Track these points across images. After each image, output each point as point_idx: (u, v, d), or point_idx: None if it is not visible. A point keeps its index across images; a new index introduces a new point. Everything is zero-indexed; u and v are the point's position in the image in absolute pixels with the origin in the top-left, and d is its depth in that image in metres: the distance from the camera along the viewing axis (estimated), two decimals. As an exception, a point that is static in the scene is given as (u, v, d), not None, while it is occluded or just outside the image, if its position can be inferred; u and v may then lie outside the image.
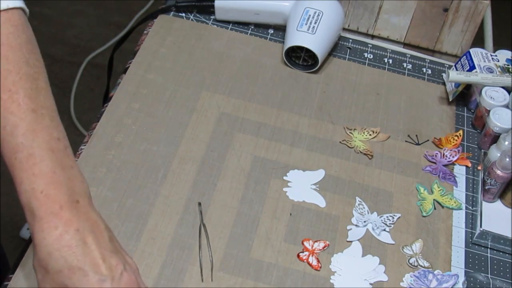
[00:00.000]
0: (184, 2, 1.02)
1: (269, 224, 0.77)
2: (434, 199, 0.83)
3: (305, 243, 0.76)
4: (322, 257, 0.75)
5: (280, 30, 1.04)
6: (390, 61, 1.02)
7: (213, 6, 1.01)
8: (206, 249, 0.74)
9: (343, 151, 0.87)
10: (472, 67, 0.93)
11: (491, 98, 0.89)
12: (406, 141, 0.90)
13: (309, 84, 0.96)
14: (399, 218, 0.80)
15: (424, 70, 1.02)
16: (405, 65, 1.02)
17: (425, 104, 0.96)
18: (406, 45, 1.06)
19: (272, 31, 1.03)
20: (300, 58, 0.97)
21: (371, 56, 1.02)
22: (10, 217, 1.66)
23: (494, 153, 0.84)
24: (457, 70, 0.95)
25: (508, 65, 0.94)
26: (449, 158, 0.88)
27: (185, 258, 0.73)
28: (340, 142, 0.88)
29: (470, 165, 0.88)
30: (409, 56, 1.04)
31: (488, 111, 0.89)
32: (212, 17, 1.03)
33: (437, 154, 0.88)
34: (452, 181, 0.86)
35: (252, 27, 1.03)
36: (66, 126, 0.68)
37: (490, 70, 0.92)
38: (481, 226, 0.79)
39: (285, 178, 0.83)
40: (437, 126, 0.93)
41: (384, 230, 0.79)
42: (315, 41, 0.94)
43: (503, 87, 0.91)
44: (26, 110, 0.55)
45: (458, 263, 0.77)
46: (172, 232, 0.75)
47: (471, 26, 1.00)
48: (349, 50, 1.03)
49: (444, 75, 1.01)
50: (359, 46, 1.04)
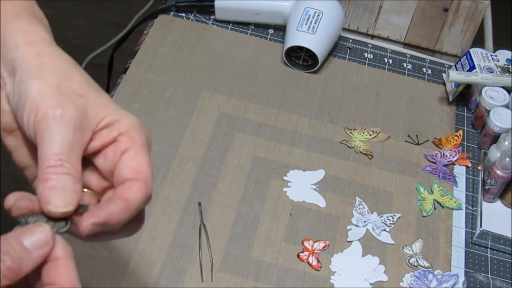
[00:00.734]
0: (184, 2, 1.02)
1: (269, 224, 0.77)
2: (434, 199, 0.83)
3: (305, 243, 0.76)
4: (322, 257, 0.75)
5: (280, 30, 1.04)
6: (390, 61, 1.02)
7: (213, 6, 1.01)
8: (206, 249, 0.74)
9: (343, 151, 0.87)
10: (472, 67, 0.93)
11: (491, 98, 0.89)
12: (406, 141, 0.90)
13: (309, 84, 0.96)
14: (399, 218, 0.80)
15: (424, 70, 1.02)
16: (405, 65, 1.02)
17: (425, 104, 0.96)
18: (406, 45, 1.06)
19: (272, 31, 1.03)
20: (300, 58, 0.97)
21: (371, 56, 1.02)
22: (10, 216, 1.66)
23: (494, 153, 0.84)
24: (457, 70, 0.95)
25: (508, 65, 0.94)
26: (449, 158, 0.88)
27: (185, 258, 0.73)
28: (340, 142, 0.88)
29: (470, 165, 0.88)
30: (409, 56, 1.04)
31: (488, 111, 0.89)
32: (212, 17, 1.03)
33: (437, 154, 0.88)
34: (452, 181, 0.86)
35: (252, 27, 1.03)
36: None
37: (490, 70, 0.92)
38: (481, 226, 0.79)
39: (285, 178, 0.83)
40: (437, 126, 0.93)
41: (384, 230, 0.79)
42: (315, 41, 0.94)
43: (503, 87, 0.91)
44: None
45: (458, 263, 0.77)
46: (172, 232, 0.75)
47: (471, 26, 1.00)
48: (349, 50, 1.03)
49: (444, 75, 1.01)
50: (359, 46, 1.04)
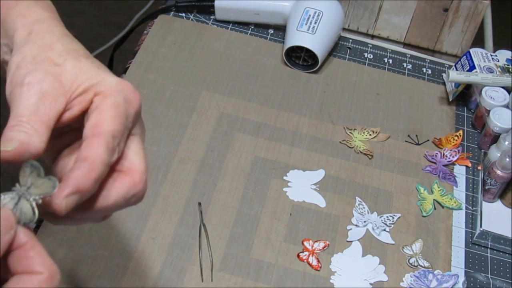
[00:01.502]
0: (184, 2, 1.02)
1: (269, 224, 0.77)
2: (434, 199, 0.83)
3: (305, 243, 0.76)
4: (322, 257, 0.75)
5: (280, 30, 1.04)
6: (390, 61, 1.02)
7: (213, 6, 1.01)
8: (206, 249, 0.74)
9: (343, 151, 0.87)
10: (472, 67, 0.93)
11: (491, 98, 0.89)
12: (406, 141, 0.90)
13: (309, 84, 0.96)
14: (399, 218, 0.80)
15: (424, 70, 1.02)
16: (405, 65, 1.02)
17: (425, 104, 0.96)
18: (406, 45, 1.06)
19: (272, 31, 1.03)
20: (300, 58, 0.97)
21: (371, 56, 1.02)
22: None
23: (494, 153, 0.84)
24: (457, 70, 0.95)
25: (508, 65, 0.94)
26: (449, 158, 0.88)
27: (185, 258, 0.73)
28: (340, 142, 0.88)
29: (470, 165, 0.88)
30: (409, 56, 1.04)
31: (488, 111, 0.89)
32: (212, 17, 1.03)
33: (437, 154, 0.88)
34: (452, 181, 0.86)
35: (252, 27, 1.03)
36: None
37: (490, 70, 0.92)
38: (481, 226, 0.79)
39: (285, 178, 0.83)
40: (437, 126, 0.93)
41: (384, 230, 0.79)
42: (315, 41, 0.94)
43: (503, 87, 0.91)
44: None
45: (458, 263, 0.77)
46: (172, 232, 0.75)
47: (471, 26, 1.00)
48: (349, 50, 1.03)
49: (444, 75, 1.01)
50: (359, 46, 1.04)
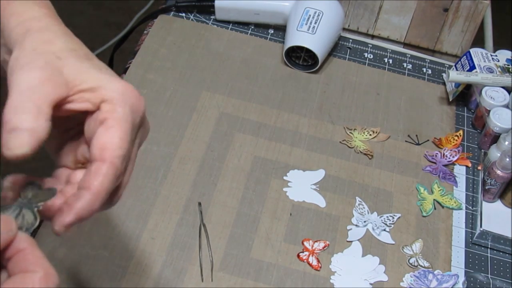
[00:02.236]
0: (184, 2, 1.02)
1: (269, 224, 0.77)
2: (434, 199, 0.83)
3: (305, 243, 0.76)
4: (322, 257, 0.75)
5: (280, 30, 1.04)
6: (390, 61, 1.02)
7: (213, 6, 1.01)
8: (206, 249, 0.74)
9: (343, 151, 0.87)
10: (472, 67, 0.93)
11: (491, 98, 0.89)
12: (406, 141, 0.90)
13: (309, 84, 0.96)
14: (399, 218, 0.80)
15: (424, 70, 1.02)
16: (405, 65, 1.02)
17: (425, 104, 0.96)
18: (406, 45, 1.06)
19: (272, 31, 1.03)
20: (300, 58, 0.97)
21: (371, 56, 1.02)
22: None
23: (494, 153, 0.84)
24: (457, 70, 0.95)
25: (508, 65, 0.94)
26: (449, 158, 0.88)
27: (185, 258, 0.73)
28: (340, 142, 0.88)
29: (470, 165, 0.88)
30: (409, 56, 1.04)
31: (488, 111, 0.89)
32: (212, 17, 1.03)
33: (437, 154, 0.88)
34: (452, 181, 0.86)
35: (252, 27, 1.03)
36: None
37: (490, 70, 0.92)
38: (481, 226, 0.79)
39: (285, 178, 0.83)
40: (437, 126, 0.93)
41: (384, 230, 0.79)
42: (315, 41, 0.94)
43: (503, 87, 0.91)
44: None
45: (458, 263, 0.77)
46: (172, 232, 0.75)
47: (471, 26, 1.00)
48: (349, 50, 1.03)
49: (444, 75, 1.01)
50: (359, 46, 1.04)
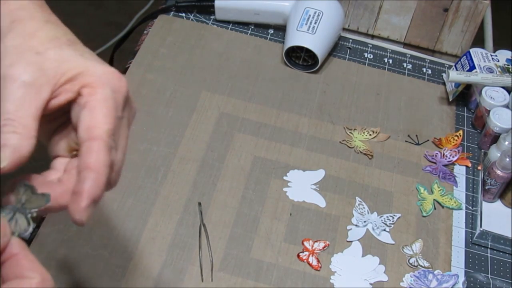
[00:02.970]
0: (184, 2, 1.02)
1: (269, 224, 0.77)
2: (434, 199, 0.83)
3: (305, 243, 0.76)
4: (322, 257, 0.75)
5: (280, 30, 1.04)
6: (390, 61, 1.02)
7: (213, 6, 1.01)
8: (206, 249, 0.74)
9: (343, 151, 0.87)
10: (472, 67, 0.93)
11: (491, 98, 0.89)
12: (406, 141, 0.90)
13: (309, 84, 0.96)
14: (399, 218, 0.80)
15: (424, 70, 1.02)
16: (405, 65, 1.02)
17: (425, 104, 0.96)
18: (406, 45, 1.06)
19: (272, 31, 1.03)
20: (300, 58, 0.97)
21: (371, 56, 1.02)
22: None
23: (494, 153, 0.84)
24: (457, 70, 0.95)
25: (508, 65, 0.94)
26: (449, 158, 0.88)
27: (185, 258, 0.73)
28: (340, 142, 0.88)
29: (470, 165, 0.88)
30: (409, 56, 1.04)
31: (488, 111, 0.89)
32: (212, 17, 1.03)
33: (437, 154, 0.88)
34: (452, 181, 0.86)
35: (252, 27, 1.03)
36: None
37: (490, 70, 0.92)
38: (481, 226, 0.79)
39: (285, 178, 0.83)
40: (437, 126, 0.93)
41: (384, 230, 0.79)
42: (315, 41, 0.94)
43: (503, 87, 0.91)
44: None
45: (458, 263, 0.77)
46: (172, 232, 0.75)
47: (471, 26, 1.00)
48: (349, 50, 1.03)
49: (444, 75, 1.01)
50: (359, 46, 1.04)
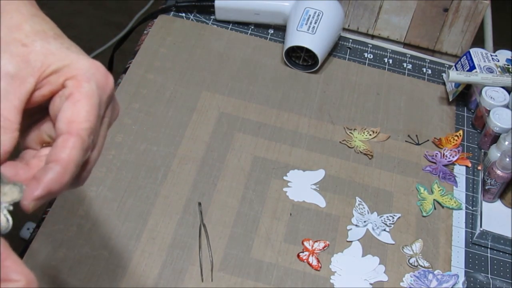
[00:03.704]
0: (184, 2, 1.02)
1: (269, 224, 0.77)
2: (434, 199, 0.83)
3: (305, 243, 0.76)
4: (322, 257, 0.75)
5: (280, 30, 1.04)
6: (390, 61, 1.02)
7: (213, 6, 1.01)
8: (206, 249, 0.74)
9: (343, 151, 0.87)
10: (472, 67, 0.93)
11: (491, 98, 0.89)
12: (406, 141, 0.90)
13: (309, 84, 0.96)
14: (399, 218, 0.80)
15: (424, 70, 1.02)
16: (405, 65, 1.02)
17: (425, 104, 0.96)
18: (406, 45, 1.06)
19: (272, 31, 1.03)
20: (300, 58, 0.97)
21: (371, 56, 1.02)
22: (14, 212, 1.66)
23: (494, 153, 0.84)
24: (457, 70, 0.95)
25: (508, 65, 0.94)
26: (449, 158, 0.88)
27: (185, 258, 0.73)
28: (340, 142, 0.88)
29: (470, 165, 0.88)
30: (409, 56, 1.04)
31: (488, 111, 0.89)
32: (212, 17, 1.03)
33: (437, 154, 0.88)
34: (452, 181, 0.86)
35: (252, 27, 1.03)
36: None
37: (490, 70, 0.92)
38: (481, 226, 0.79)
39: (285, 178, 0.83)
40: (437, 126, 0.93)
41: (384, 230, 0.79)
42: (315, 41, 0.94)
43: (503, 87, 0.91)
44: None
45: (458, 263, 0.77)
46: (172, 232, 0.75)
47: (471, 26, 1.00)
48: (349, 50, 1.03)
49: (444, 75, 1.01)
50: (359, 46, 1.04)
